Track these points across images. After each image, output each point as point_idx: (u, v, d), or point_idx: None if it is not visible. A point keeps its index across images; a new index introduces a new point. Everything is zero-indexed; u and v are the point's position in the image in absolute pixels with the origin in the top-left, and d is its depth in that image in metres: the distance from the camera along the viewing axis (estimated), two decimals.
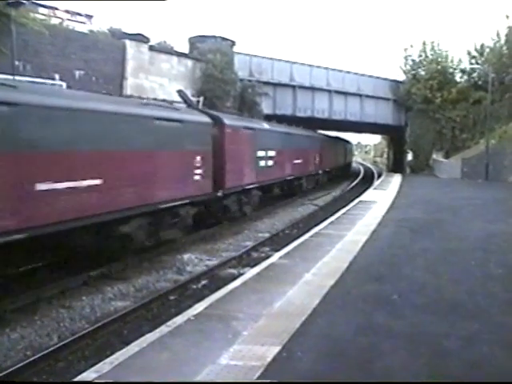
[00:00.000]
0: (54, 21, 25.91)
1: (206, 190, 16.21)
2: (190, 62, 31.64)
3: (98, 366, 5.33)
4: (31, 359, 7.43)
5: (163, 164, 13.60)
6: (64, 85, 23.01)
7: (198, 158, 15.58)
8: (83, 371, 5.56)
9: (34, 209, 9.20)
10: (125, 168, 11.92)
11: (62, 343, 8.09)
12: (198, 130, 15.88)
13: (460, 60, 45.58)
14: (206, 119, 16.94)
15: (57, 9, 26.51)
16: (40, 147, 9.41)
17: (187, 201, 14.99)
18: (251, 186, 20.78)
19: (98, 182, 10.82)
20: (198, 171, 15.64)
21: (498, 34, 42.34)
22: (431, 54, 45.54)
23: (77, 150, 10.32)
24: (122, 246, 12.44)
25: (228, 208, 18.84)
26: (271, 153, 23.71)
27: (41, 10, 25.16)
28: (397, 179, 36.07)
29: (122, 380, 4.97)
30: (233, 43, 34.74)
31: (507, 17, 41.36)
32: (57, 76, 22.92)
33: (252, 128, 21.40)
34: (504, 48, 41.24)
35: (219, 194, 17.37)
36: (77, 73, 23.97)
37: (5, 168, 8.63)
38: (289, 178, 27.39)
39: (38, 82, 21.42)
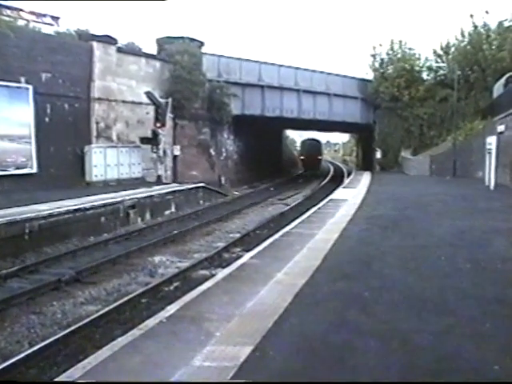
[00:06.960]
0: (20, 22, 25.52)
1: None
2: (158, 64, 31.48)
3: (69, 371, 5.26)
4: (1, 367, 7.31)
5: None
6: (30, 88, 22.75)
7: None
8: (55, 378, 5.50)
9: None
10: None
11: (32, 350, 7.99)
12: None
13: (426, 58, 46.17)
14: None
15: (22, 10, 26.09)
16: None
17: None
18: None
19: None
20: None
21: (462, 33, 43.00)
22: (399, 53, 45.97)
23: None
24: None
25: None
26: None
27: (5, 11, 24.72)
28: (366, 177, 36.32)
29: None
30: (201, 44, 34.65)
31: (471, 16, 42.08)
32: (23, 79, 22.64)
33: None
34: (468, 47, 41.87)
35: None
36: (43, 75, 23.67)
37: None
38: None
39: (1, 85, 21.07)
